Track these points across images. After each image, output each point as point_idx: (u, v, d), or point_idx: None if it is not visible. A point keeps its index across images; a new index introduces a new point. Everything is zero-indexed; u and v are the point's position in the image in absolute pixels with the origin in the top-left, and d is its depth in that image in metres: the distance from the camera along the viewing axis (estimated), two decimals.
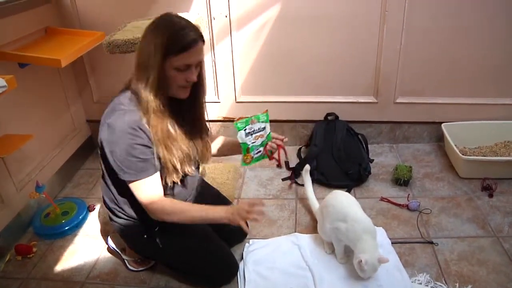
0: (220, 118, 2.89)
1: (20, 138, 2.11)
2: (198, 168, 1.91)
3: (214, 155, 1.99)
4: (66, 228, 2.26)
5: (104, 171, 1.73)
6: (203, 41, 1.56)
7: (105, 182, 1.78)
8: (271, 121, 2.88)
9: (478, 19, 2.43)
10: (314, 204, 2.19)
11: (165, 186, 1.68)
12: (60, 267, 2.06)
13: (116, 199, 1.77)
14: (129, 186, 1.62)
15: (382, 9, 2.43)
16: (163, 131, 1.57)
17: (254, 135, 1.75)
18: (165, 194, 1.69)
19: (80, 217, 2.32)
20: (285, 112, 2.83)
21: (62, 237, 2.24)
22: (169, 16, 1.54)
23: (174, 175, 1.66)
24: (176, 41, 1.48)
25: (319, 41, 2.58)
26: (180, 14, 2.35)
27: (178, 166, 1.64)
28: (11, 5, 2.18)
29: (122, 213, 1.79)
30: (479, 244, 2.01)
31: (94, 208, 2.43)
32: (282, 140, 1.87)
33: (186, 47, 1.49)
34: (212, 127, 2.91)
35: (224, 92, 2.79)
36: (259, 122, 1.75)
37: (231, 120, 2.88)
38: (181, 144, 1.64)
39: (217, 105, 2.84)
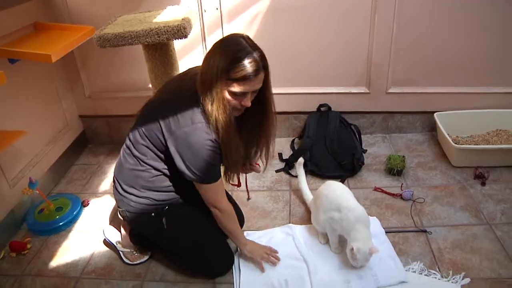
0: None
1: (12, 134, 2.10)
2: None
3: None
4: (61, 223, 2.25)
5: (144, 157, 1.73)
6: (266, 69, 1.59)
7: (142, 169, 1.76)
8: None
9: (469, 8, 2.43)
10: (308, 196, 2.20)
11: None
12: (55, 263, 2.06)
13: (145, 184, 1.77)
14: (198, 186, 1.73)
15: None
16: (234, 144, 1.65)
17: None
18: (179, 182, 1.77)
19: (74, 213, 2.32)
20: (278, 103, 2.77)
21: (57, 233, 2.24)
22: (237, 39, 1.55)
23: (230, 178, 1.87)
24: (237, 70, 1.50)
25: (311, 33, 2.58)
26: (171, 7, 2.36)
27: (234, 173, 1.87)
28: None
29: (141, 194, 1.79)
30: (472, 232, 2.02)
31: (89, 204, 2.43)
32: (254, 167, 2.01)
33: (246, 77, 1.51)
34: None
35: None
36: None
37: None
38: (242, 151, 1.76)
39: None
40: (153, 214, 1.82)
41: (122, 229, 2.05)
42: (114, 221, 2.26)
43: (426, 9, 2.45)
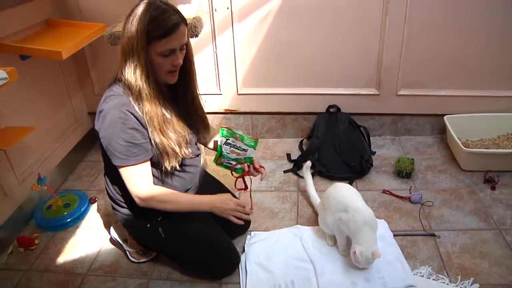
0: (222, 110, 2.89)
1: (22, 130, 2.10)
2: (198, 156, 1.91)
3: (209, 148, 2.03)
4: (68, 220, 2.26)
5: (105, 162, 1.73)
6: (186, 24, 1.56)
7: (108, 173, 1.80)
8: (273, 114, 2.89)
9: (480, 11, 2.41)
10: (315, 199, 2.20)
11: (165, 173, 1.71)
12: (62, 259, 2.06)
13: (119, 189, 1.78)
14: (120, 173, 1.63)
15: (384, 0, 2.42)
16: (158, 116, 1.58)
17: (231, 148, 1.83)
18: (164, 186, 1.73)
19: (82, 209, 2.33)
20: (287, 104, 2.83)
21: (64, 229, 2.25)
22: (149, 1, 1.52)
23: (173, 159, 1.66)
24: (158, 26, 1.48)
25: (321, 33, 2.57)
26: (182, 6, 2.36)
27: (177, 150, 1.64)
28: None
29: (125, 203, 1.79)
30: (481, 236, 2.00)
31: (96, 200, 2.44)
32: (259, 169, 1.88)
33: (168, 32, 1.49)
34: (214, 120, 2.91)
35: (226, 84, 2.78)
36: (242, 142, 1.82)
37: (232, 112, 2.88)
38: (177, 127, 1.65)
39: (219, 97, 2.83)
40: (148, 225, 1.81)
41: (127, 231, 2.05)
42: None
43: (437, 11, 2.43)
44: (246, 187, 1.94)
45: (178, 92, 1.72)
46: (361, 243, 1.73)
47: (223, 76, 2.75)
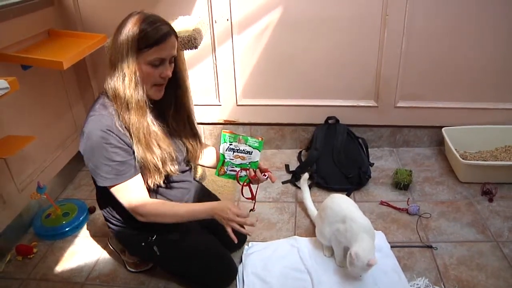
0: (221, 121, 2.90)
1: (22, 139, 2.12)
2: (190, 170, 1.91)
3: (205, 166, 2.00)
4: (67, 229, 2.27)
5: (96, 187, 1.72)
6: (176, 37, 1.57)
7: (97, 192, 1.80)
8: (272, 125, 2.89)
9: (479, 24, 2.43)
10: (313, 211, 2.20)
11: (149, 190, 1.67)
12: (60, 268, 2.07)
13: (110, 208, 1.78)
14: (111, 192, 1.61)
15: (383, 13, 2.44)
16: (143, 127, 1.55)
17: (235, 153, 1.72)
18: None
19: (81, 219, 2.33)
20: (286, 115, 2.84)
21: (63, 238, 2.25)
22: (139, 13, 1.53)
23: (157, 176, 1.63)
24: (149, 35, 1.47)
25: (320, 45, 2.59)
26: (182, 18, 2.38)
27: (160, 165, 1.61)
28: (14, 7, 2.19)
29: (117, 220, 1.79)
30: (479, 248, 2.01)
31: (95, 210, 2.44)
32: (266, 173, 1.75)
33: (159, 40, 1.48)
34: (213, 130, 2.92)
35: (225, 95, 2.80)
36: (246, 144, 1.72)
37: (232, 123, 2.89)
38: (162, 143, 1.62)
39: (218, 108, 2.85)
40: (143, 244, 1.79)
41: None
42: None
43: (435, 24, 2.45)
44: (253, 197, 1.78)
45: (168, 112, 1.71)
46: (359, 247, 1.72)
47: (222, 87, 2.77)
